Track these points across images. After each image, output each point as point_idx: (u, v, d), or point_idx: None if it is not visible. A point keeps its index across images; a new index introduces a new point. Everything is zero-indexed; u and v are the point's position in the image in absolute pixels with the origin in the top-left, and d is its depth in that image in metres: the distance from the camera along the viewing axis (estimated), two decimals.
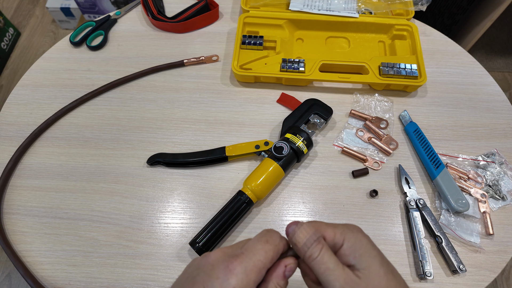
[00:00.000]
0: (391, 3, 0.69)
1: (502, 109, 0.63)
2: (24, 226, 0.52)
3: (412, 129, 0.59)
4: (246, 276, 0.25)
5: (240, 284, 0.25)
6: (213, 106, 0.63)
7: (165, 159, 0.56)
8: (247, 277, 0.25)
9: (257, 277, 0.26)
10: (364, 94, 0.63)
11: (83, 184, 0.55)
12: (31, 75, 0.67)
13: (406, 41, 0.67)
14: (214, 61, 0.68)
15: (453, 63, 0.68)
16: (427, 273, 0.47)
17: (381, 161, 0.57)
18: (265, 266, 0.27)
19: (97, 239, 0.51)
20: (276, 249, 0.28)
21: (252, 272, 0.26)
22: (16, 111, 0.63)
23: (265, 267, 0.27)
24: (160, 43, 0.71)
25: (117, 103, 0.63)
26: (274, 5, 0.71)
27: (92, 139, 0.60)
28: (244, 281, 0.25)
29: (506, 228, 0.52)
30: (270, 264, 0.27)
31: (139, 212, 0.53)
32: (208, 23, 0.73)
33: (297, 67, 0.62)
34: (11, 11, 1.83)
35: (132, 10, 0.76)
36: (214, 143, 0.59)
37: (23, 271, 0.48)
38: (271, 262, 0.27)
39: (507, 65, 1.58)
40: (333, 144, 0.59)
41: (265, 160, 0.53)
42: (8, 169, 0.55)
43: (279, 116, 0.61)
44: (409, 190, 0.54)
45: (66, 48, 0.71)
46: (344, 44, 0.69)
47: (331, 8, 0.69)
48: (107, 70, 0.67)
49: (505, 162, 0.57)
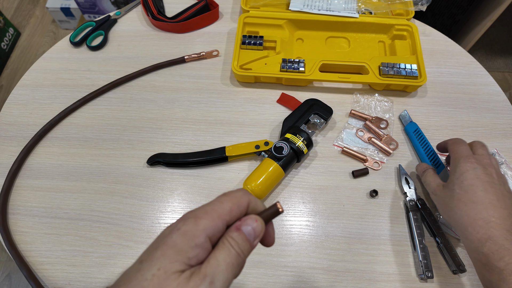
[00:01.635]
0: (391, 3, 0.69)
1: (502, 109, 0.63)
2: (24, 226, 0.52)
3: (412, 129, 0.59)
4: (194, 221, 0.24)
5: (187, 227, 0.24)
6: (213, 106, 0.63)
7: (165, 159, 0.56)
8: (195, 222, 0.24)
9: (207, 224, 0.24)
10: (364, 94, 0.63)
11: (83, 184, 0.55)
12: (31, 75, 0.67)
13: (406, 41, 0.67)
14: (214, 56, 0.68)
15: (453, 63, 0.68)
16: (427, 273, 0.47)
17: (381, 161, 0.57)
18: (219, 215, 0.25)
19: (97, 239, 0.51)
20: (235, 201, 0.26)
21: (201, 219, 0.24)
22: (16, 111, 0.63)
23: (219, 216, 0.25)
24: (160, 43, 0.71)
25: (117, 103, 0.63)
26: (274, 5, 0.71)
27: (92, 139, 0.60)
28: (190, 225, 0.24)
29: None
30: (227, 215, 0.25)
31: (139, 212, 0.53)
32: (208, 23, 0.73)
33: (297, 67, 0.62)
34: (11, 11, 1.83)
35: (132, 10, 0.76)
36: (214, 143, 0.59)
37: (27, 273, 0.48)
38: (229, 213, 0.25)
39: (507, 65, 1.58)
40: (333, 144, 0.59)
41: (265, 160, 0.53)
42: (13, 171, 0.55)
43: (279, 116, 0.61)
44: (409, 190, 0.54)
45: (66, 48, 0.71)
46: (344, 44, 0.69)
47: (331, 8, 0.69)
48: (107, 70, 0.67)
49: (505, 162, 0.57)
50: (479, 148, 0.46)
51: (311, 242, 0.51)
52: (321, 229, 0.52)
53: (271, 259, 0.50)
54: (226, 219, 0.25)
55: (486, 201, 0.40)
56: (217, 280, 0.23)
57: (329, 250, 0.50)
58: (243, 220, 0.26)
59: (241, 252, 0.25)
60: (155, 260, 0.22)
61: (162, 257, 0.22)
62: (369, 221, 0.52)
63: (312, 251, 0.50)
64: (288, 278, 0.49)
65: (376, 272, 0.49)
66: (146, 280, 0.22)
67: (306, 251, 0.50)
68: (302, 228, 0.52)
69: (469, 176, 0.42)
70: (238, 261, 0.24)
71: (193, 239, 0.23)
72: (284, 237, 0.51)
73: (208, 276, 0.22)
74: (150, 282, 0.21)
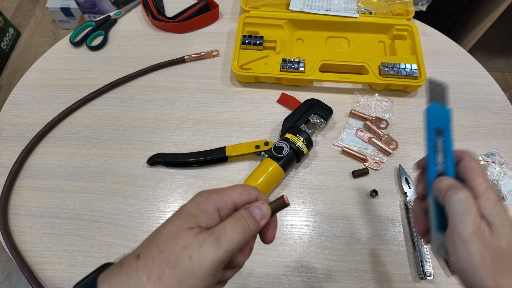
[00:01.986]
0: (391, 3, 0.69)
1: (502, 109, 0.63)
2: (24, 226, 0.52)
3: (436, 116, 0.35)
4: (207, 195, 0.28)
5: (198, 199, 0.28)
6: (213, 106, 0.63)
7: (165, 159, 0.56)
8: (208, 195, 0.28)
9: (217, 198, 0.27)
10: (364, 94, 0.63)
11: (83, 184, 0.55)
12: (31, 75, 0.67)
13: (406, 41, 0.67)
14: (214, 56, 0.68)
15: (453, 63, 0.68)
16: (427, 273, 0.47)
17: (381, 161, 0.57)
18: (229, 195, 0.28)
19: (97, 239, 0.51)
20: (245, 189, 0.29)
21: (213, 194, 0.28)
22: (16, 111, 0.63)
23: (229, 196, 0.28)
24: (160, 43, 0.71)
25: (117, 103, 0.63)
26: (274, 5, 0.71)
27: (92, 139, 0.60)
28: (203, 197, 0.28)
29: None
30: (237, 197, 0.28)
31: (139, 212, 0.53)
32: (208, 23, 0.73)
33: (297, 67, 0.62)
34: (11, 11, 1.83)
35: (132, 10, 0.76)
36: (214, 143, 0.59)
37: (28, 274, 0.48)
38: (238, 195, 0.29)
39: (507, 65, 1.58)
40: (333, 144, 0.59)
41: (265, 160, 0.53)
42: (13, 172, 0.55)
43: (279, 116, 0.61)
44: (409, 190, 0.54)
45: (66, 48, 0.71)
46: (344, 44, 0.69)
47: (331, 8, 0.69)
48: (107, 70, 0.67)
49: (505, 162, 0.57)
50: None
51: (311, 242, 0.51)
52: (321, 229, 0.52)
53: (271, 259, 0.50)
54: (235, 200, 0.28)
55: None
56: (223, 239, 0.25)
57: (329, 250, 0.50)
58: (252, 204, 0.29)
59: (247, 226, 0.27)
60: (171, 221, 0.26)
61: (177, 218, 0.27)
62: (369, 221, 0.52)
63: (312, 251, 0.50)
64: (288, 278, 0.49)
65: (376, 272, 0.49)
66: (161, 235, 0.26)
67: (306, 251, 0.50)
68: (302, 228, 0.52)
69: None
70: (244, 231, 0.27)
71: (204, 207, 0.27)
72: (284, 237, 0.51)
73: (215, 234, 0.25)
74: (164, 235, 0.26)
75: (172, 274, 0.24)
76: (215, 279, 0.26)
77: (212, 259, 0.25)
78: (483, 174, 0.30)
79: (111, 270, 0.25)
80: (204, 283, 0.25)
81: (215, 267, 0.25)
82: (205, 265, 0.24)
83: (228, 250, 0.25)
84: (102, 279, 0.25)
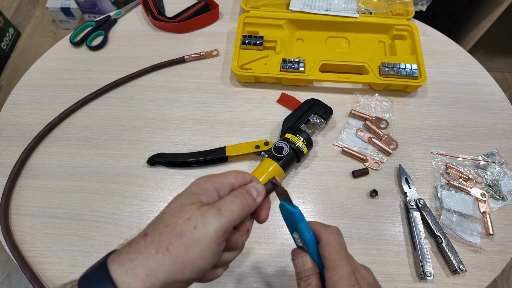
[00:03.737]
0: (391, 3, 0.69)
1: (502, 109, 0.63)
2: (24, 226, 0.52)
3: None
4: (206, 177, 0.31)
5: (198, 181, 0.30)
6: (213, 106, 0.63)
7: (165, 159, 0.56)
8: (207, 177, 0.31)
9: (215, 180, 0.30)
10: (364, 94, 0.63)
11: (83, 184, 0.55)
12: (31, 75, 0.67)
13: (406, 41, 0.67)
14: (214, 56, 0.68)
15: (453, 63, 0.68)
16: (427, 273, 0.47)
17: (381, 161, 0.57)
18: (226, 177, 0.31)
19: (97, 239, 0.51)
20: (240, 173, 0.32)
21: (212, 177, 0.31)
22: (16, 111, 0.63)
23: (226, 177, 0.31)
24: (160, 43, 0.71)
25: (117, 103, 0.63)
26: (274, 5, 0.71)
27: (92, 139, 0.60)
28: (203, 179, 0.31)
29: (506, 228, 0.52)
30: (233, 178, 0.31)
31: (139, 212, 0.53)
32: (208, 23, 0.73)
33: (297, 67, 0.62)
34: (11, 11, 1.83)
35: (132, 10, 0.76)
36: (214, 143, 0.59)
37: (30, 275, 0.47)
38: (234, 177, 0.32)
39: (507, 65, 1.58)
40: (333, 144, 0.59)
41: (265, 160, 0.53)
42: (14, 172, 0.55)
43: (279, 116, 0.61)
44: (409, 190, 0.54)
45: (66, 48, 0.71)
46: (344, 44, 0.69)
47: (331, 8, 0.69)
48: (107, 70, 0.67)
49: (505, 162, 0.57)
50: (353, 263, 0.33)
51: None
52: None
53: (271, 259, 0.50)
54: (232, 181, 0.31)
55: None
56: (224, 210, 0.28)
57: None
58: (248, 184, 0.32)
59: (245, 200, 0.29)
60: (174, 200, 0.29)
61: (180, 197, 0.29)
62: (369, 221, 0.52)
63: None
64: (288, 278, 0.49)
65: (376, 272, 0.49)
66: (166, 213, 0.28)
67: None
68: None
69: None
70: (242, 204, 0.29)
71: (204, 186, 0.29)
72: (284, 237, 0.51)
73: (216, 206, 0.28)
74: (169, 212, 0.28)
75: (179, 243, 0.26)
76: (220, 248, 0.28)
77: (216, 227, 0.26)
78: (335, 263, 0.30)
79: (120, 251, 0.27)
80: (211, 250, 0.26)
81: (219, 234, 0.27)
82: (210, 233, 0.26)
83: (229, 220, 0.27)
84: (112, 259, 0.26)
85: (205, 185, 0.29)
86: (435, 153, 0.58)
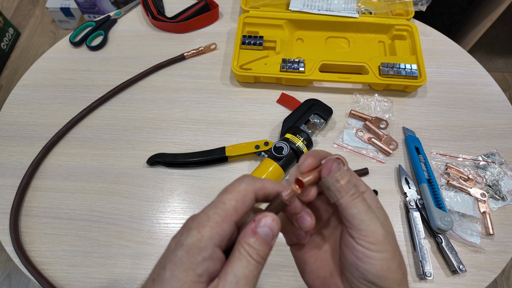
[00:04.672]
0: (391, 3, 0.69)
1: (502, 109, 0.63)
2: (24, 226, 0.52)
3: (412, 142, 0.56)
4: (198, 232, 0.22)
5: (190, 240, 0.21)
6: (213, 106, 0.63)
7: (165, 159, 0.56)
8: (199, 233, 0.22)
9: (212, 232, 0.22)
10: (364, 94, 0.63)
11: (82, 184, 0.55)
12: (31, 75, 0.67)
13: (406, 41, 0.67)
14: (212, 50, 0.69)
15: (453, 63, 0.68)
16: (427, 273, 0.47)
17: (381, 161, 0.57)
18: (224, 218, 0.22)
19: (97, 239, 0.51)
20: (239, 197, 0.23)
21: (205, 227, 0.22)
22: (16, 111, 0.63)
23: (224, 219, 0.22)
24: (160, 43, 0.71)
25: (117, 103, 0.63)
26: (274, 5, 0.71)
27: (92, 139, 0.60)
28: (195, 237, 0.21)
29: (506, 228, 0.52)
30: (233, 215, 0.23)
31: (139, 212, 0.53)
32: (208, 23, 0.73)
33: (297, 67, 0.62)
34: (11, 11, 1.83)
35: (132, 10, 0.76)
36: (214, 143, 0.59)
37: (38, 277, 0.47)
38: (234, 212, 0.23)
39: (507, 65, 1.58)
40: (334, 143, 0.59)
41: (265, 160, 0.53)
42: (28, 173, 0.55)
43: (279, 116, 0.61)
44: (409, 190, 0.54)
45: (66, 48, 0.71)
46: (344, 44, 0.69)
47: (331, 8, 0.69)
48: (107, 70, 0.67)
49: (505, 162, 0.57)
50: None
51: None
52: None
53: (271, 259, 0.50)
54: (233, 219, 0.23)
55: None
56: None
57: None
58: (257, 220, 0.23)
59: (261, 260, 0.23)
60: (165, 283, 0.21)
61: (171, 279, 0.21)
62: None
63: None
64: (288, 278, 0.49)
65: None
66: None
67: None
68: None
69: None
70: (258, 270, 0.22)
71: (199, 253, 0.21)
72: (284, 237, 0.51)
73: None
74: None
75: None
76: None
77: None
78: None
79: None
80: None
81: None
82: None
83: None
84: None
85: (200, 250, 0.21)
86: (435, 153, 0.58)
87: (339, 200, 0.25)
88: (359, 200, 0.25)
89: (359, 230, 0.25)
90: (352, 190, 0.25)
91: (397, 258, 0.25)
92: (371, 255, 0.24)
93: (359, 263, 0.25)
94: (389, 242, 0.25)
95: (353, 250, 0.25)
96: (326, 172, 0.25)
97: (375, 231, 0.25)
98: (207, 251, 0.21)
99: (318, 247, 0.30)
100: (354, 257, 0.25)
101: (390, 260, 0.25)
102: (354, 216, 0.25)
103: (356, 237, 0.25)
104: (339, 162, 0.26)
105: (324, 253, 0.29)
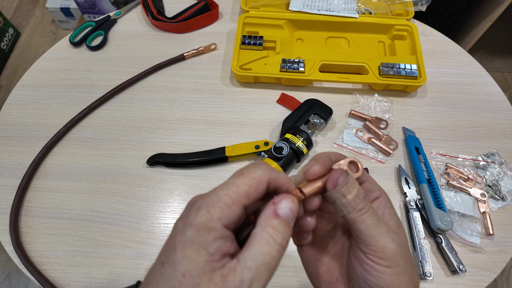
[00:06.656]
0: (391, 3, 0.69)
1: (502, 109, 0.63)
2: (24, 226, 0.52)
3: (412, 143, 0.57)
4: (207, 211, 0.21)
5: (199, 220, 0.21)
6: (213, 106, 0.63)
7: (165, 159, 0.56)
8: (208, 212, 0.21)
9: (221, 213, 0.21)
10: (364, 95, 0.63)
11: (82, 185, 0.55)
12: (31, 75, 0.67)
13: (406, 41, 0.67)
14: (212, 50, 0.69)
15: (453, 63, 0.68)
16: (427, 273, 0.47)
17: (381, 161, 0.57)
18: (234, 201, 0.21)
19: (97, 239, 0.51)
20: (252, 183, 0.22)
21: (215, 207, 0.21)
22: (16, 111, 0.63)
23: (234, 202, 0.21)
24: (160, 43, 0.71)
25: (116, 103, 0.63)
26: (274, 5, 0.71)
27: (92, 139, 0.60)
28: (204, 217, 0.21)
29: (506, 228, 0.52)
30: (244, 199, 0.22)
31: (139, 212, 0.53)
32: (208, 23, 0.73)
33: (297, 67, 0.62)
34: (11, 11, 1.83)
35: (132, 10, 0.76)
36: (214, 143, 0.59)
37: (38, 277, 0.47)
38: (246, 197, 0.22)
39: (507, 65, 1.58)
40: (334, 143, 0.59)
41: (265, 160, 0.53)
42: (28, 173, 0.55)
43: (279, 116, 0.61)
44: (409, 190, 0.54)
45: (66, 48, 0.71)
46: (344, 44, 0.69)
47: (331, 8, 0.69)
48: (106, 70, 0.67)
49: (505, 162, 0.57)
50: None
51: None
52: None
53: None
54: (243, 203, 0.22)
55: None
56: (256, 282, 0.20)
57: None
58: (278, 202, 0.22)
59: (285, 243, 0.22)
60: (177, 264, 0.20)
61: (183, 260, 0.20)
62: None
63: None
64: (288, 278, 0.49)
65: None
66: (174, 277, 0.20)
67: None
68: None
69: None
70: (279, 255, 0.21)
71: (210, 232, 0.21)
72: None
73: (244, 282, 0.20)
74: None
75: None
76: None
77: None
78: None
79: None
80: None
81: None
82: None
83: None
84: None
85: (210, 230, 0.21)
86: (435, 153, 0.58)
87: (345, 216, 0.24)
88: (367, 215, 0.24)
89: (368, 246, 0.24)
90: (361, 204, 0.24)
91: (409, 270, 0.24)
92: (381, 269, 0.23)
93: (368, 276, 0.24)
94: (401, 256, 0.24)
95: (362, 263, 0.24)
96: (331, 186, 0.24)
97: (385, 246, 0.23)
98: (217, 231, 0.21)
99: (325, 251, 0.28)
100: (362, 269, 0.24)
101: (401, 274, 0.24)
102: (363, 231, 0.24)
103: (365, 252, 0.24)
104: (347, 175, 0.24)
105: (332, 258, 0.28)
